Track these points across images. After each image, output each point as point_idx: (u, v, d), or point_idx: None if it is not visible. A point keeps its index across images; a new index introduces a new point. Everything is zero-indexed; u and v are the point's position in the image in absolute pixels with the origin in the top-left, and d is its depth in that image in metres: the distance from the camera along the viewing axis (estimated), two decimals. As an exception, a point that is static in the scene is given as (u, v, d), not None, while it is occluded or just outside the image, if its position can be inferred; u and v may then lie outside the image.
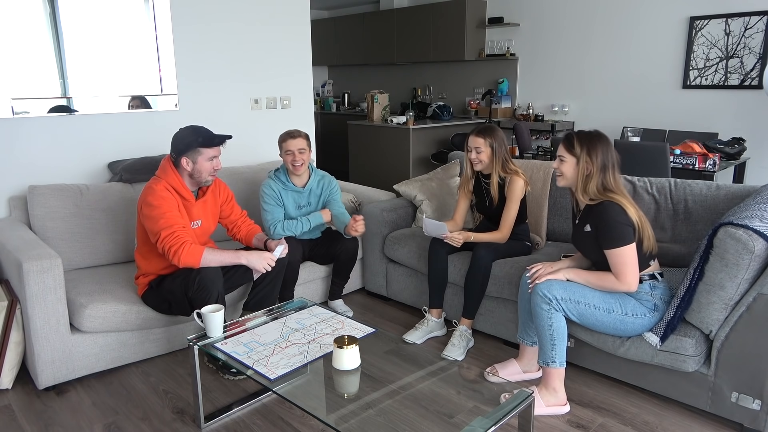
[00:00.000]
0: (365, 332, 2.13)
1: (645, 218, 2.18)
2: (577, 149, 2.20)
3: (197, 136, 2.44)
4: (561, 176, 2.27)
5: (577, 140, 2.21)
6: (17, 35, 2.86)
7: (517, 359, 2.53)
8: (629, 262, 2.11)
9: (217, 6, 3.59)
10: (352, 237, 3.10)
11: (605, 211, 2.13)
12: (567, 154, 2.23)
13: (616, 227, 2.11)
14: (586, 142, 2.19)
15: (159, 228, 2.35)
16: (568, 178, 2.25)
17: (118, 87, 3.25)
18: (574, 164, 2.21)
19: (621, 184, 2.21)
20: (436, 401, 1.74)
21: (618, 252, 2.11)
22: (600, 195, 2.17)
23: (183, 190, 2.47)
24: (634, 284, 2.13)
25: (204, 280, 2.35)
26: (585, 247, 2.28)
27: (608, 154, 2.17)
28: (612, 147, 2.20)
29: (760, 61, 4.80)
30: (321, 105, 8.59)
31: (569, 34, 6.00)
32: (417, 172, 5.83)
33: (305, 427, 2.20)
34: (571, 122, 6.11)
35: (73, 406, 2.36)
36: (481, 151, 2.78)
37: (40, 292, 2.30)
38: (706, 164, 3.89)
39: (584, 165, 2.18)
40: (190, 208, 2.52)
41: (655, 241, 2.20)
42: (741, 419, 2.11)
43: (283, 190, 3.04)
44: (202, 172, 2.47)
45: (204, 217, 2.61)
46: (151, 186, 2.43)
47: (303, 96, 4.19)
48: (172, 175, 2.46)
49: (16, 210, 2.91)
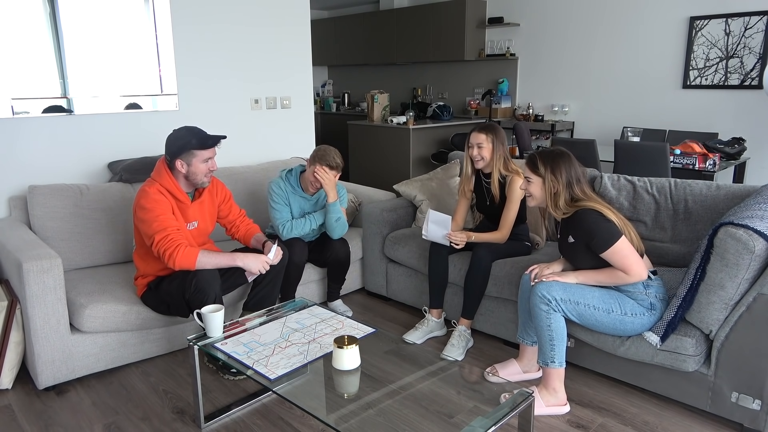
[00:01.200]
0: (365, 332, 2.13)
1: (625, 219, 2.21)
2: (540, 169, 2.25)
3: (191, 137, 2.41)
4: (530, 197, 2.33)
5: (540, 161, 2.26)
6: (17, 35, 2.86)
7: (517, 359, 2.53)
8: (629, 254, 2.13)
9: (217, 6, 3.60)
10: (343, 241, 3.11)
11: (582, 218, 2.17)
12: (532, 175, 2.28)
13: (600, 229, 2.13)
14: (549, 161, 2.24)
15: (153, 231, 2.34)
16: (537, 198, 2.30)
17: (118, 87, 3.25)
18: (540, 184, 2.27)
19: (590, 192, 2.25)
20: (436, 401, 1.74)
21: (614, 250, 2.12)
22: (571, 207, 2.21)
23: (177, 192, 2.45)
24: (643, 273, 2.15)
25: (201, 283, 2.35)
26: (575, 258, 2.30)
27: (572, 170, 2.23)
28: (575, 162, 2.26)
29: (760, 61, 4.80)
30: (321, 105, 8.59)
31: (569, 34, 6.00)
32: (417, 172, 5.83)
33: (305, 427, 2.20)
34: (571, 122, 6.11)
35: (73, 406, 2.36)
36: (482, 147, 2.78)
37: (40, 292, 2.30)
38: (706, 164, 3.89)
39: (550, 184, 2.23)
40: (186, 210, 2.51)
41: (639, 239, 2.22)
42: (741, 419, 2.11)
43: (291, 194, 3.01)
44: (197, 174, 2.45)
45: (201, 218, 2.60)
46: (144, 189, 2.41)
47: (303, 96, 4.19)
48: (166, 177, 2.44)
49: (16, 210, 2.91)
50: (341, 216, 3.01)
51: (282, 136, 4.07)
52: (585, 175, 2.27)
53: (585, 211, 2.17)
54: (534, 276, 2.36)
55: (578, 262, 2.29)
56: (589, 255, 2.20)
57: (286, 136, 4.08)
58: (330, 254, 3.09)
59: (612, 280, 2.20)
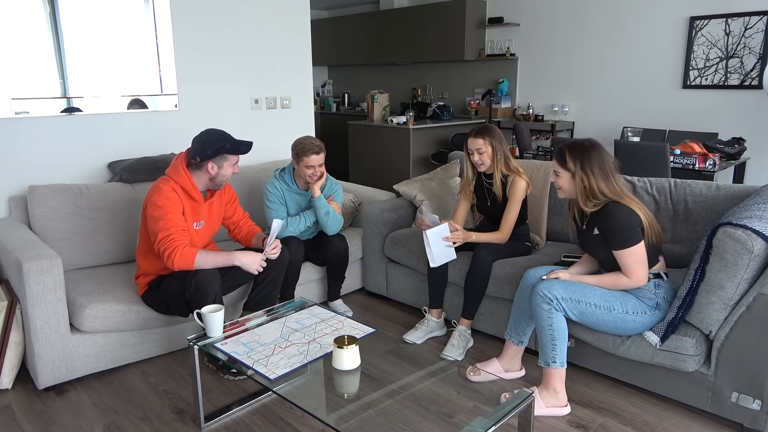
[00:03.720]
0: (365, 332, 2.13)
1: (651, 215, 2.19)
2: (570, 164, 2.19)
3: (225, 142, 2.45)
4: (560, 189, 2.27)
5: (569, 154, 2.19)
6: (17, 35, 2.86)
7: (498, 358, 2.52)
8: (639, 260, 2.13)
9: (217, 6, 3.59)
10: (340, 237, 3.11)
11: (612, 213, 2.13)
12: (561, 169, 2.23)
13: (625, 229, 2.11)
14: (578, 155, 2.18)
15: (158, 229, 2.35)
16: (567, 191, 2.25)
17: (118, 87, 3.25)
18: (569, 178, 2.21)
19: (623, 186, 2.20)
20: (436, 401, 1.74)
21: (627, 252, 2.12)
22: (602, 200, 2.17)
23: (193, 191, 2.47)
24: (644, 279, 2.16)
25: (201, 282, 2.35)
26: (596, 250, 2.29)
27: (603, 162, 2.16)
28: (605, 152, 2.19)
29: (760, 61, 4.80)
30: (321, 105, 8.59)
31: (569, 34, 6.00)
32: (417, 172, 5.83)
33: (305, 427, 2.20)
34: (571, 122, 6.11)
35: (73, 406, 2.36)
36: (482, 152, 2.78)
37: (40, 292, 2.30)
38: (706, 164, 3.89)
39: (580, 178, 2.17)
40: (198, 210, 2.53)
41: (662, 232, 2.21)
42: (741, 419, 2.11)
43: (287, 191, 3.04)
44: (225, 176, 2.51)
45: (209, 218, 2.61)
46: (158, 185, 2.43)
47: (303, 96, 4.19)
48: (183, 176, 2.44)
49: (16, 210, 2.91)
50: (329, 210, 3.01)
51: (282, 136, 4.07)
52: (615, 165, 2.20)
53: (617, 204, 2.14)
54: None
55: (598, 254, 2.29)
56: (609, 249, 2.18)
57: (286, 136, 4.07)
58: (329, 250, 3.10)
59: (613, 286, 2.20)
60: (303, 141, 2.94)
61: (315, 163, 2.91)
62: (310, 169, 2.92)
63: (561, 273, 2.30)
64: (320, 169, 2.96)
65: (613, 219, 2.13)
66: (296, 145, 2.95)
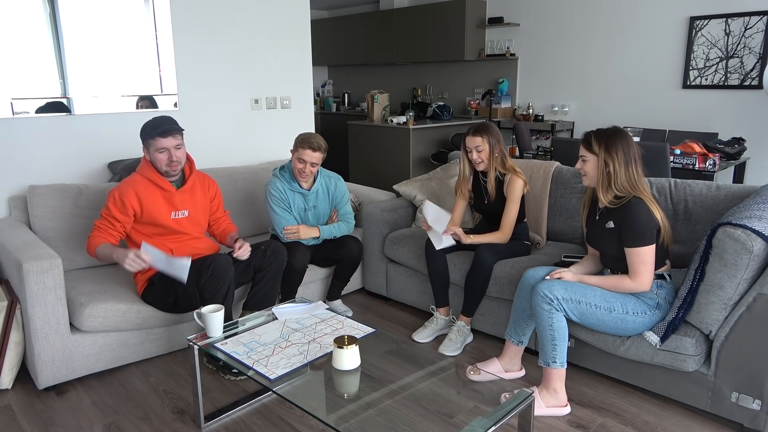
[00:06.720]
0: (365, 332, 2.13)
1: (665, 217, 2.19)
2: (595, 147, 2.21)
3: (149, 126, 2.49)
4: (585, 176, 2.28)
5: (595, 139, 2.22)
6: (17, 35, 2.86)
7: (498, 358, 2.52)
8: (647, 262, 2.13)
9: (217, 6, 3.59)
10: (356, 240, 3.11)
11: (633, 209, 2.13)
12: (588, 153, 2.24)
13: (641, 228, 2.11)
14: (603, 139, 2.20)
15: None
16: (591, 177, 2.26)
17: (118, 87, 3.25)
18: (595, 162, 2.22)
19: (642, 178, 2.20)
20: (436, 401, 1.74)
21: (638, 251, 2.12)
22: (626, 191, 2.16)
23: (158, 180, 2.52)
24: (648, 283, 2.15)
25: (218, 268, 2.40)
26: (604, 244, 2.28)
27: (629, 149, 2.17)
28: (632, 141, 2.20)
29: (760, 61, 4.80)
30: (321, 105, 8.59)
31: (569, 34, 6.00)
32: (417, 172, 5.83)
33: (305, 427, 2.20)
34: (571, 122, 6.11)
35: (73, 406, 2.36)
36: (481, 150, 2.78)
37: (40, 292, 2.30)
38: (706, 164, 3.89)
39: (604, 161, 2.18)
40: (172, 198, 2.56)
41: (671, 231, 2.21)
42: (741, 419, 2.11)
43: (289, 190, 3.00)
44: (155, 162, 2.52)
45: (192, 208, 2.63)
46: (120, 182, 2.54)
47: (303, 96, 4.19)
48: (147, 167, 2.53)
49: (16, 210, 2.91)
50: (335, 234, 3.08)
51: (282, 137, 4.07)
52: (640, 155, 2.21)
53: (639, 201, 2.14)
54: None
55: (606, 248, 2.28)
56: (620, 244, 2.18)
57: (286, 136, 4.07)
58: (344, 251, 3.08)
59: (615, 289, 2.20)
60: (308, 134, 2.93)
61: (308, 159, 2.89)
62: (301, 163, 2.91)
63: (564, 273, 2.29)
64: (311, 168, 2.92)
65: (635, 216, 2.12)
66: (300, 135, 2.95)
